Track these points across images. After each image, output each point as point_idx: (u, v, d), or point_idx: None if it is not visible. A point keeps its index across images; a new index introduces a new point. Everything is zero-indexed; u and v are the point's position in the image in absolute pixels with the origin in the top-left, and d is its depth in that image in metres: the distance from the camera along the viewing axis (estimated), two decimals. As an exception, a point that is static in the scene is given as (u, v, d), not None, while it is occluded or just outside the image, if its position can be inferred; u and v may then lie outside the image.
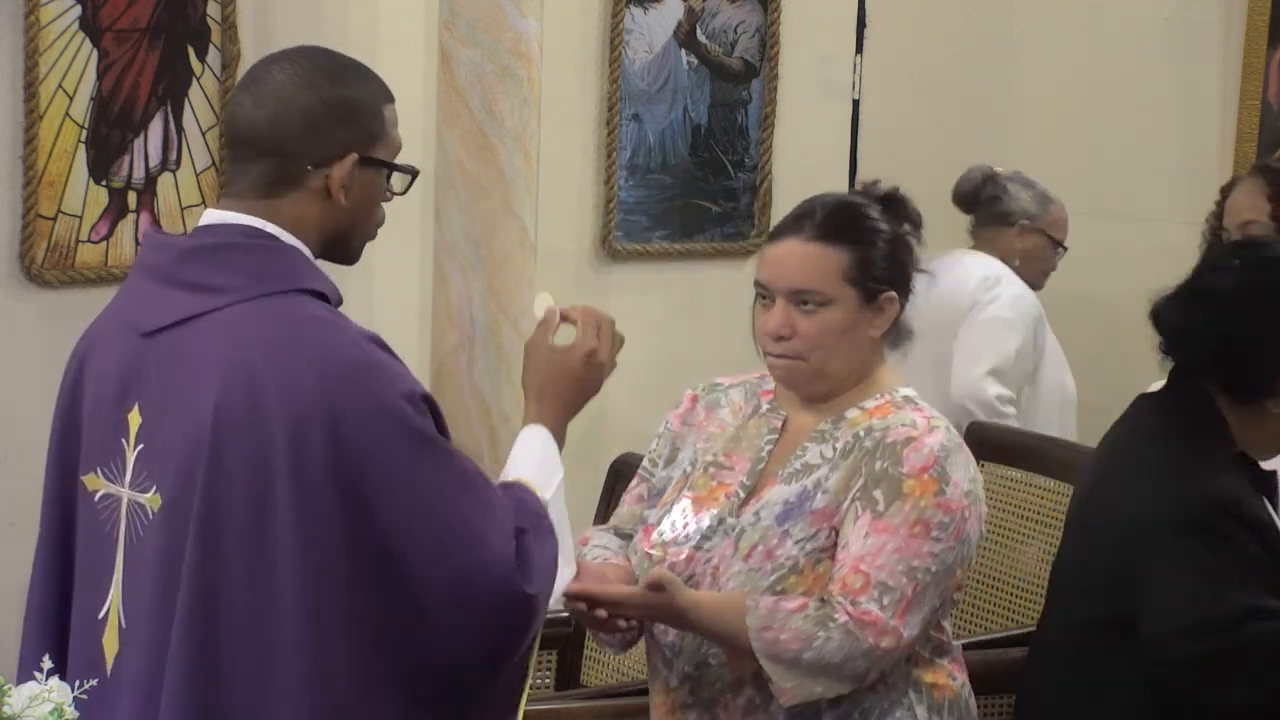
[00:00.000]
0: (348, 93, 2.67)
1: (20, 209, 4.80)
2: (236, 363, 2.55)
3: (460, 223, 4.98)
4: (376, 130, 2.69)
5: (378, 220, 2.74)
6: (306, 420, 2.52)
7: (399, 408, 2.56)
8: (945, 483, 3.08)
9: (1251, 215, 3.84)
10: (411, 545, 2.55)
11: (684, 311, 5.88)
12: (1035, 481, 5.01)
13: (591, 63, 5.67)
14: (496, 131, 5.01)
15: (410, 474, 2.56)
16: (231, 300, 2.59)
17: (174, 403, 2.59)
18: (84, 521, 2.72)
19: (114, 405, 2.66)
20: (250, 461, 2.54)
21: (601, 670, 4.53)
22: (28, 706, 2.36)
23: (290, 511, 2.52)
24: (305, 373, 2.53)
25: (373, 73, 2.74)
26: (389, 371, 2.59)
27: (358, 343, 2.60)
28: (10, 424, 4.77)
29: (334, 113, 2.65)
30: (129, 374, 2.65)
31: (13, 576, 4.75)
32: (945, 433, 3.15)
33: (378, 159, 2.68)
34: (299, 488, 2.52)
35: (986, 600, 5.01)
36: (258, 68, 2.71)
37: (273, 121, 2.65)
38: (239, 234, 2.64)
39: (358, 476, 2.52)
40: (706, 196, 5.90)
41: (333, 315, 2.63)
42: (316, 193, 2.65)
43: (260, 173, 2.66)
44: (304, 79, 2.67)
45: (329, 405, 2.52)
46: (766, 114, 5.95)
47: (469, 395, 5.04)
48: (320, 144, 2.64)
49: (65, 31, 4.81)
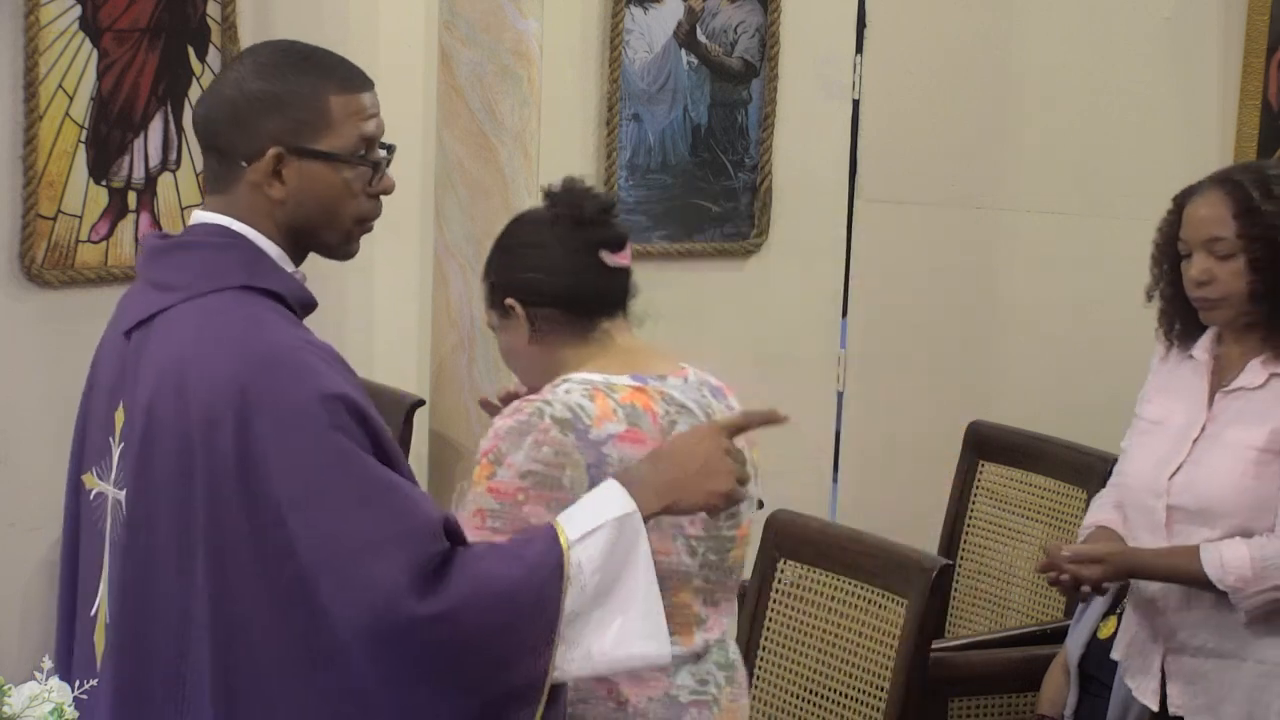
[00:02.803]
0: (274, 85, 2.64)
1: (20, 209, 4.80)
2: (169, 358, 2.58)
3: (460, 223, 4.98)
4: (312, 120, 2.63)
5: (354, 212, 2.68)
6: (220, 413, 2.51)
7: (310, 407, 2.50)
8: (499, 465, 2.95)
9: (1217, 231, 3.63)
10: (304, 544, 2.48)
11: (684, 311, 5.87)
12: (1035, 481, 5.01)
13: (591, 63, 5.66)
14: (496, 131, 5.01)
15: (310, 474, 2.49)
16: (181, 297, 2.62)
17: (136, 399, 2.62)
18: (84, 520, 2.74)
19: (107, 404, 2.70)
20: (174, 461, 2.55)
21: (601, 670, 4.52)
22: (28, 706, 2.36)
23: (203, 505, 2.52)
24: (223, 367, 2.53)
25: (327, 63, 2.68)
26: (307, 369, 2.54)
27: (284, 341, 2.57)
28: (10, 424, 4.78)
29: (254, 106, 2.63)
30: (117, 373, 2.68)
31: (13, 576, 4.76)
32: (529, 415, 2.97)
33: (314, 150, 2.63)
34: (209, 479, 2.52)
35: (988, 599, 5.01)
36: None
37: (206, 118, 2.69)
38: (205, 232, 2.67)
39: (261, 470, 2.49)
40: (706, 196, 5.90)
41: (271, 314, 2.61)
42: (255, 188, 2.64)
43: (209, 168, 2.70)
44: (238, 75, 2.68)
45: (239, 403, 2.51)
46: (766, 114, 5.95)
47: (469, 395, 5.03)
48: (245, 138, 2.63)
49: (65, 31, 4.81)
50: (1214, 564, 3.60)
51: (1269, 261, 3.61)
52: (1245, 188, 3.65)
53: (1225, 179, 3.71)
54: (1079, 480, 4.80)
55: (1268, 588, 3.57)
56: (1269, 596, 3.58)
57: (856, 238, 6.13)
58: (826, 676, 4.01)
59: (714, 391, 3.23)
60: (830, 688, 4.00)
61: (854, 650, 3.97)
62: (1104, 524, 3.83)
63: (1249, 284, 3.63)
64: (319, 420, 2.50)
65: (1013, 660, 4.08)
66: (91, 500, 2.71)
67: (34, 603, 4.69)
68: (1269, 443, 3.61)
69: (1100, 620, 4.10)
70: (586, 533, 2.57)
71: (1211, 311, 3.70)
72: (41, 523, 4.48)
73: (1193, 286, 3.69)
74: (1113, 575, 3.71)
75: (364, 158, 2.67)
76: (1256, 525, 3.61)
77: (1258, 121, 5.66)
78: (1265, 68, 5.65)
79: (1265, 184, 3.66)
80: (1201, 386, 3.73)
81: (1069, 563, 3.67)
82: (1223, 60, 5.71)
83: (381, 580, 2.46)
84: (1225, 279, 3.64)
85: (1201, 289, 3.67)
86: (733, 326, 5.89)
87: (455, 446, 5.05)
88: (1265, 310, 3.65)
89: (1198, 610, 3.68)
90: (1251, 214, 3.62)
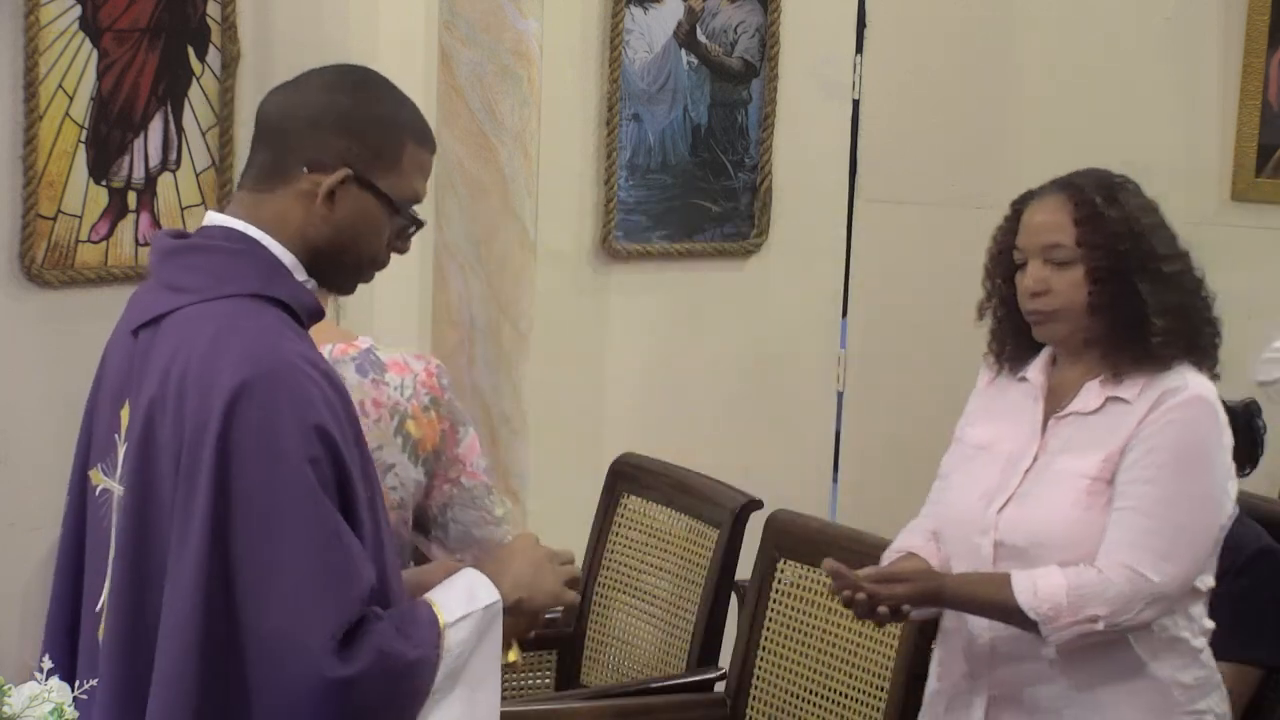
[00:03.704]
0: (363, 108, 2.66)
1: (20, 209, 4.79)
2: (175, 360, 2.57)
3: (460, 223, 4.98)
4: (386, 156, 2.65)
5: (374, 255, 2.69)
6: (209, 420, 2.51)
7: (289, 431, 2.50)
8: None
9: (1056, 237, 3.32)
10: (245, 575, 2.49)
11: (684, 311, 5.88)
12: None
13: (591, 63, 5.66)
14: (496, 131, 5.01)
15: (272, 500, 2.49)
16: (191, 300, 2.61)
17: (141, 398, 2.63)
18: (90, 517, 2.75)
19: (113, 401, 2.70)
20: (170, 456, 2.56)
21: (601, 670, 4.53)
22: (28, 706, 2.36)
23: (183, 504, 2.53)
24: (223, 376, 2.52)
25: (414, 112, 2.71)
26: (299, 393, 2.53)
27: (286, 357, 2.55)
28: (10, 424, 4.78)
29: (340, 120, 2.64)
30: (124, 372, 2.69)
31: (13, 576, 4.76)
32: None
33: (375, 186, 2.64)
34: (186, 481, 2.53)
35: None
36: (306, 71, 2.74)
37: (283, 113, 2.67)
38: (219, 236, 2.66)
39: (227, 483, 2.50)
40: (706, 196, 5.90)
41: (279, 325, 2.60)
42: (303, 195, 2.64)
43: (261, 161, 2.67)
44: (329, 84, 2.68)
45: (228, 407, 2.51)
46: (766, 114, 5.95)
47: (469, 395, 5.04)
48: (317, 146, 2.63)
49: (65, 31, 4.81)
50: (1026, 591, 3.26)
51: (1109, 272, 3.32)
52: (1087, 192, 3.39)
53: (1067, 183, 3.44)
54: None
55: (1082, 618, 3.23)
56: (1082, 629, 3.24)
57: (856, 238, 6.13)
58: (826, 676, 4.01)
59: (372, 366, 3.19)
60: (830, 688, 4.00)
61: (854, 650, 3.97)
62: (915, 550, 3.49)
63: (1087, 296, 3.33)
64: (297, 449, 2.50)
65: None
66: (97, 496, 2.72)
67: (34, 603, 4.68)
68: (1101, 471, 3.31)
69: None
70: (461, 617, 2.61)
71: (1046, 325, 3.38)
72: (41, 523, 4.48)
73: (1027, 297, 3.37)
74: (916, 597, 3.33)
75: (411, 213, 2.69)
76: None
77: (1258, 121, 5.66)
78: (1265, 68, 5.65)
79: (1109, 190, 3.40)
80: (1034, 411, 3.42)
81: (868, 581, 3.31)
82: (1223, 60, 5.71)
83: (309, 632, 2.47)
84: (1062, 289, 3.33)
85: (1036, 300, 3.35)
86: (733, 326, 5.90)
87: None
88: (1103, 325, 3.34)
89: (1027, 658, 3.34)
90: (1094, 220, 3.35)
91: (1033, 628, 3.26)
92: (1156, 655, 3.33)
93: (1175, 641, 3.35)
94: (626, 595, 4.53)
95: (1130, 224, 3.36)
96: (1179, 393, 3.31)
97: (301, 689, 2.46)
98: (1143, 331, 3.32)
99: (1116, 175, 3.47)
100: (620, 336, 5.76)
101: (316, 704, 2.47)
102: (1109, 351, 3.35)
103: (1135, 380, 3.33)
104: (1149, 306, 3.32)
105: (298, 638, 2.46)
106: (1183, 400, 3.30)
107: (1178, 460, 3.28)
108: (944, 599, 3.37)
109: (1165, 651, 3.33)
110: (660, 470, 4.60)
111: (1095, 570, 3.25)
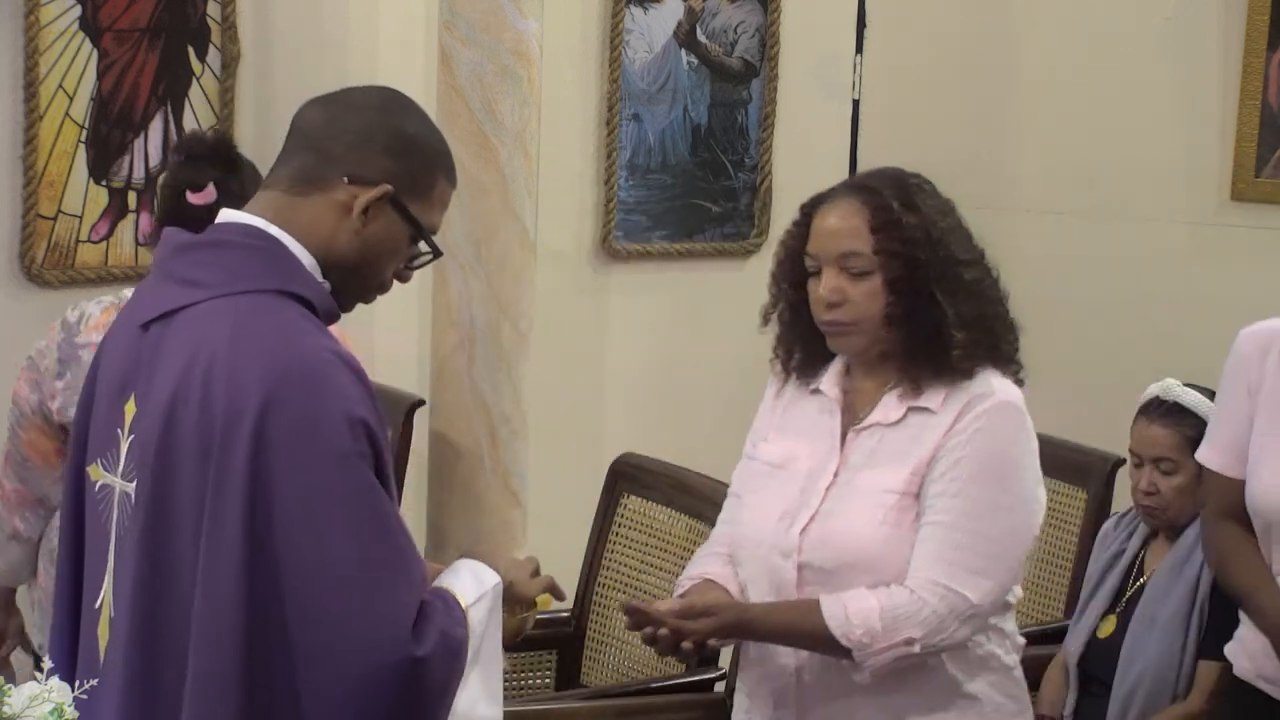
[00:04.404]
0: (413, 133, 2.68)
1: (20, 209, 4.80)
2: (197, 355, 2.56)
3: (460, 223, 4.98)
4: (421, 183, 2.67)
5: (383, 276, 2.71)
6: (242, 413, 2.51)
7: (332, 426, 2.51)
8: None
9: (853, 246, 3.12)
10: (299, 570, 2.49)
11: (684, 311, 5.88)
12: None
13: (591, 63, 5.67)
14: (496, 131, 5.00)
15: (321, 494, 2.50)
16: (211, 295, 2.60)
17: (153, 393, 2.62)
18: (89, 513, 2.75)
19: (115, 397, 2.69)
20: (195, 451, 2.54)
21: (601, 670, 4.53)
22: (28, 706, 2.36)
23: (210, 502, 2.53)
24: (253, 369, 2.53)
25: (446, 148, 2.74)
26: (336, 387, 2.54)
27: (317, 351, 2.56)
28: (10, 424, 4.78)
29: (390, 140, 2.66)
30: (128, 366, 2.67)
31: (13, 576, 4.76)
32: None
33: (408, 209, 2.66)
34: (218, 476, 2.52)
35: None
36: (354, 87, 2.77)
37: (331, 121, 2.67)
38: (236, 232, 2.65)
39: (267, 478, 2.50)
40: (706, 196, 5.90)
41: (304, 321, 2.61)
42: (338, 206, 2.64)
43: (300, 165, 2.67)
44: (381, 102, 2.71)
45: (263, 403, 2.51)
46: (766, 114, 5.95)
47: (469, 395, 5.04)
48: (363, 160, 2.64)
49: (65, 31, 4.81)
50: (837, 617, 3.08)
51: (908, 282, 3.13)
52: (884, 197, 3.16)
53: (861, 186, 3.21)
54: (1079, 480, 4.79)
55: (897, 642, 3.07)
56: (897, 652, 3.08)
57: (856, 238, 6.12)
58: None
59: None
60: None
61: (854, 650, 3.96)
62: (711, 577, 3.29)
63: (885, 307, 3.13)
64: (341, 442, 2.51)
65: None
66: (96, 492, 2.71)
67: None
68: (908, 485, 3.12)
69: (1100, 620, 4.10)
70: (478, 598, 2.67)
71: (842, 338, 3.19)
72: (41, 523, 4.48)
73: (822, 308, 3.16)
74: (721, 631, 3.15)
75: (433, 242, 2.71)
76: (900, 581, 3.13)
77: (1258, 121, 5.66)
78: (1265, 68, 5.65)
79: (906, 193, 3.19)
80: (831, 424, 3.23)
81: (672, 617, 3.11)
82: (1223, 60, 5.71)
83: (393, 620, 2.51)
84: (859, 300, 3.13)
85: (832, 311, 3.15)
86: (733, 326, 5.89)
87: (455, 446, 5.05)
88: (900, 338, 3.15)
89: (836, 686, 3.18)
90: (890, 227, 3.13)
91: (846, 654, 3.09)
92: (971, 674, 3.19)
93: (989, 658, 3.21)
94: (626, 595, 4.53)
95: (929, 229, 3.16)
96: (985, 399, 3.13)
97: (386, 673, 2.49)
98: (942, 344, 3.14)
99: (911, 175, 3.26)
100: (620, 336, 5.76)
101: (402, 685, 2.50)
102: (907, 365, 3.17)
103: (937, 390, 3.15)
104: (949, 319, 3.13)
105: (382, 627, 2.49)
106: (989, 408, 3.13)
107: (986, 471, 3.11)
108: (751, 630, 3.18)
109: (980, 669, 3.20)
110: (660, 470, 4.60)
111: (908, 590, 3.08)
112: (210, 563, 2.52)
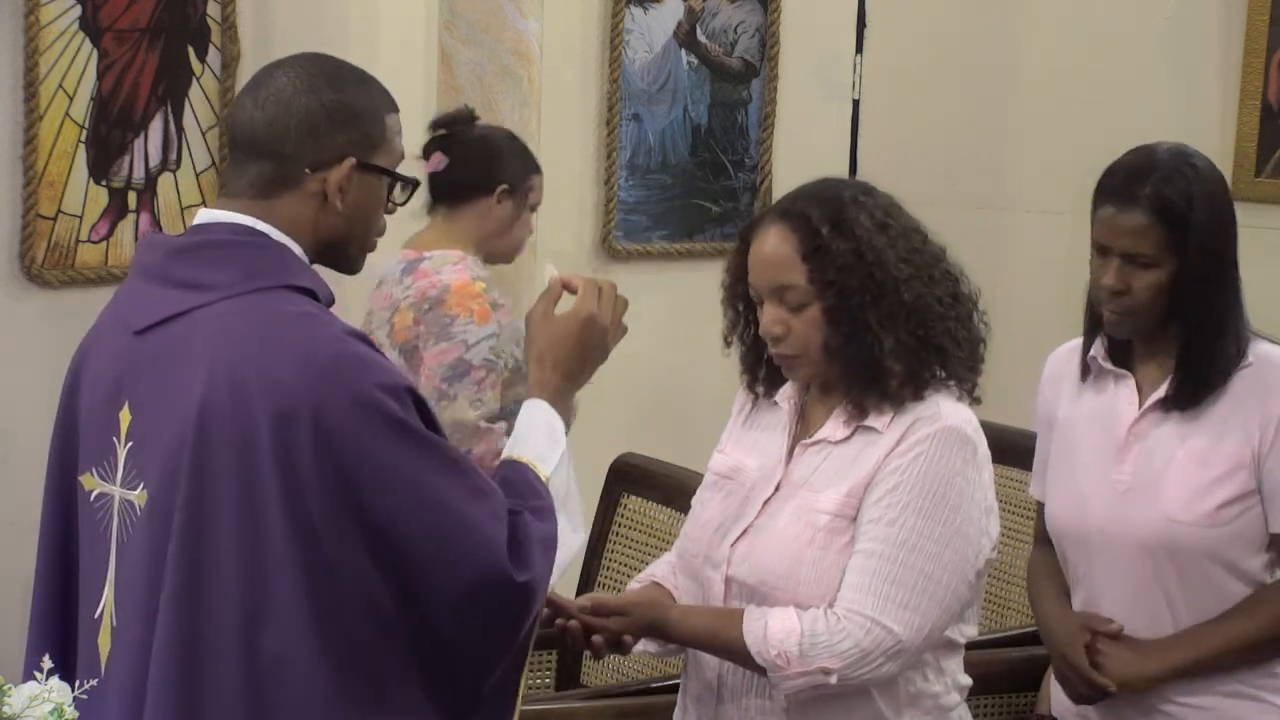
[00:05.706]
0: (347, 97, 2.67)
1: (20, 209, 4.80)
2: (221, 359, 2.56)
3: (460, 223, 4.97)
4: (377, 137, 2.69)
5: (377, 229, 2.74)
6: (290, 415, 2.51)
7: (378, 399, 2.54)
8: None
9: (788, 278, 3.01)
10: (410, 533, 2.55)
11: (684, 311, 5.88)
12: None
13: (591, 63, 5.67)
14: (496, 131, 5.00)
15: (395, 463, 2.55)
16: (218, 296, 2.60)
17: (161, 399, 2.60)
18: (84, 522, 2.72)
19: (107, 404, 2.67)
20: (235, 458, 2.53)
21: (601, 670, 4.53)
22: (28, 706, 2.36)
23: (280, 507, 2.51)
24: (287, 368, 2.53)
25: (376, 81, 2.74)
26: (369, 364, 2.58)
27: (339, 337, 2.59)
28: (10, 424, 4.78)
29: (333, 116, 2.65)
30: (121, 373, 2.65)
31: (13, 576, 4.76)
32: None
33: (377, 166, 2.68)
34: (288, 484, 2.51)
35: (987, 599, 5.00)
36: (262, 72, 2.72)
37: (271, 123, 2.65)
38: (229, 231, 2.65)
39: (346, 469, 2.52)
40: (706, 196, 5.90)
41: (316, 310, 2.63)
42: (313, 196, 2.65)
43: (258, 173, 2.66)
44: (305, 82, 2.67)
45: (311, 399, 2.52)
46: (766, 114, 5.95)
47: (469, 395, 5.02)
48: (318, 147, 2.65)
49: (65, 31, 4.81)
50: (755, 633, 2.97)
51: (844, 310, 3.00)
52: (812, 222, 3.01)
53: (788, 210, 3.06)
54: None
55: (813, 669, 2.94)
56: (814, 680, 2.95)
57: (856, 238, 6.13)
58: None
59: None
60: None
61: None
62: (658, 580, 3.26)
63: (824, 339, 3.02)
64: (389, 408, 2.55)
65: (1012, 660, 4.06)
66: (92, 502, 2.69)
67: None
68: (843, 507, 3.02)
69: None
70: (556, 465, 2.81)
71: (791, 370, 3.11)
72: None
73: (769, 339, 3.08)
74: (634, 630, 3.09)
75: (407, 176, 2.74)
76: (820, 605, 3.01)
77: (1258, 121, 5.66)
78: (1265, 68, 5.65)
79: (838, 213, 3.03)
80: (781, 439, 3.16)
81: (582, 611, 3.08)
82: (1223, 60, 5.71)
83: (491, 548, 2.59)
84: (802, 331, 3.03)
85: (777, 345, 3.07)
86: (733, 326, 5.89)
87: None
88: (840, 367, 3.04)
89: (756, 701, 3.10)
90: (821, 255, 3.00)
91: (762, 672, 2.99)
92: (900, 711, 3.05)
93: (920, 696, 3.07)
94: (626, 595, 4.53)
95: (862, 252, 3.01)
96: (930, 423, 3.01)
97: (490, 598, 2.59)
98: (881, 374, 3.02)
99: (846, 186, 3.11)
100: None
101: (504, 609, 2.62)
102: (849, 392, 3.06)
103: (884, 411, 3.04)
104: (883, 348, 3.00)
105: (485, 556, 2.58)
106: (933, 432, 3.01)
107: (924, 499, 2.98)
108: (668, 632, 3.09)
109: (910, 707, 3.06)
110: (660, 470, 4.60)
111: (832, 618, 2.95)
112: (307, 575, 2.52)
